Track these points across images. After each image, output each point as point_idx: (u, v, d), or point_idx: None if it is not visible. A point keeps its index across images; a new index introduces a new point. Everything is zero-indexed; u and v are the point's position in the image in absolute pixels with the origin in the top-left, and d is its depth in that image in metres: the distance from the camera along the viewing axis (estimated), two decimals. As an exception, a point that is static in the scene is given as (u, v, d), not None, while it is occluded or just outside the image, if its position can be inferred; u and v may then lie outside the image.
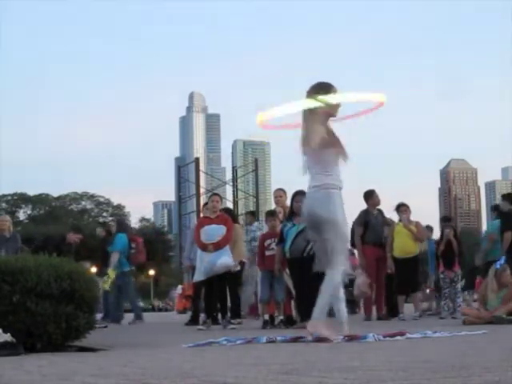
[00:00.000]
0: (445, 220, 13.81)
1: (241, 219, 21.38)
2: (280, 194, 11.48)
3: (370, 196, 12.11)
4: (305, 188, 6.18)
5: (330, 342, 5.34)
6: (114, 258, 13.03)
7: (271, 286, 10.18)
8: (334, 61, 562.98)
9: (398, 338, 5.57)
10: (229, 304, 10.66)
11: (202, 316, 10.92)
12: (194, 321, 12.07)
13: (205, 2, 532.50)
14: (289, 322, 10.07)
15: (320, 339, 5.41)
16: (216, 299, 10.39)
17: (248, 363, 3.80)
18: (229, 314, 10.36)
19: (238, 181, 34.15)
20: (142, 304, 45.88)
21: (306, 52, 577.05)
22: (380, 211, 12.26)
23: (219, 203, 10.76)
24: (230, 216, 11.00)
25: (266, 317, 10.07)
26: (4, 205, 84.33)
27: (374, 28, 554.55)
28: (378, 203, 12.22)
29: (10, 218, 13.20)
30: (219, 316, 10.84)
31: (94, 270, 15.57)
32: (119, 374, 3.40)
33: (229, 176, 42.66)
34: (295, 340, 5.72)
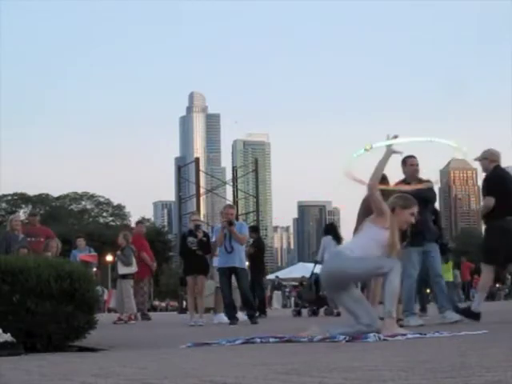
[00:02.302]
0: None
1: (241, 219, 21.41)
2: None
3: None
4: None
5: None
6: None
7: None
8: (331, 61, 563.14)
9: (398, 338, 5.57)
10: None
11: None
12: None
13: (205, 2, 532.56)
14: None
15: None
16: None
17: (248, 363, 3.80)
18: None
19: (238, 181, 34.14)
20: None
21: (305, 51, 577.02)
22: None
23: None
24: None
25: None
26: (4, 205, 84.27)
27: (379, 36, 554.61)
28: None
29: (23, 218, 13.26)
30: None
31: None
32: (119, 374, 3.40)
33: (229, 176, 42.67)
34: (291, 340, 5.72)
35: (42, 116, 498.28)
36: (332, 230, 14.59)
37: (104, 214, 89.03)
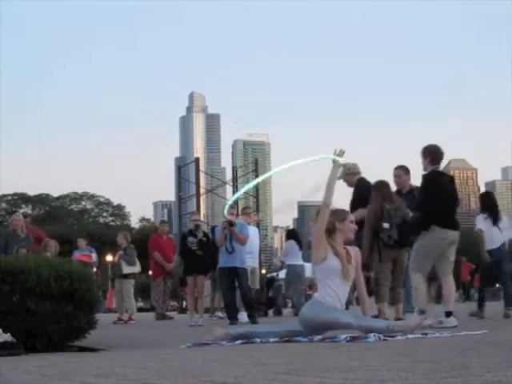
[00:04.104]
0: None
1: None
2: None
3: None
4: None
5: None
6: None
7: None
8: (331, 62, 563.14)
9: (399, 337, 5.57)
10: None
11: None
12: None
13: (205, 2, 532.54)
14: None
15: None
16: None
17: (248, 363, 3.80)
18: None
19: (238, 181, 34.10)
20: (142, 304, 45.85)
21: (305, 51, 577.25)
22: None
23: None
24: None
25: None
26: (4, 205, 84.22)
27: (371, 40, 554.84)
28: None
29: (23, 218, 13.15)
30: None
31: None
32: (119, 374, 3.40)
33: (229, 176, 42.58)
34: (291, 340, 5.72)
35: (41, 116, 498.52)
36: (294, 236, 15.29)
37: (104, 214, 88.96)
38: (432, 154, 8.11)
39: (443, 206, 7.98)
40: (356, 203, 9.40)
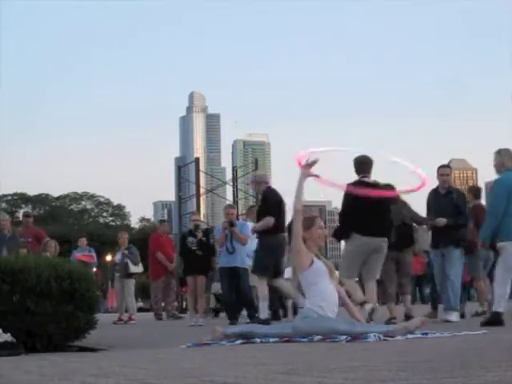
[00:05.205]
0: None
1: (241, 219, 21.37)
2: None
3: None
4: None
5: None
6: None
7: None
8: (331, 62, 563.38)
9: (398, 337, 5.57)
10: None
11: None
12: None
13: (205, 2, 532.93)
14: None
15: None
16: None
17: (248, 363, 3.80)
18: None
19: (238, 181, 34.11)
20: (142, 304, 45.88)
21: (305, 52, 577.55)
22: None
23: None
24: None
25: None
26: (4, 205, 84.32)
27: (371, 40, 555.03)
28: None
29: (10, 217, 13.24)
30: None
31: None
32: (119, 374, 3.40)
33: (229, 176, 42.61)
34: (291, 340, 5.71)
35: (41, 116, 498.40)
36: None
37: (104, 214, 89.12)
38: (355, 164, 8.46)
39: (362, 214, 8.15)
40: (263, 212, 9.61)
